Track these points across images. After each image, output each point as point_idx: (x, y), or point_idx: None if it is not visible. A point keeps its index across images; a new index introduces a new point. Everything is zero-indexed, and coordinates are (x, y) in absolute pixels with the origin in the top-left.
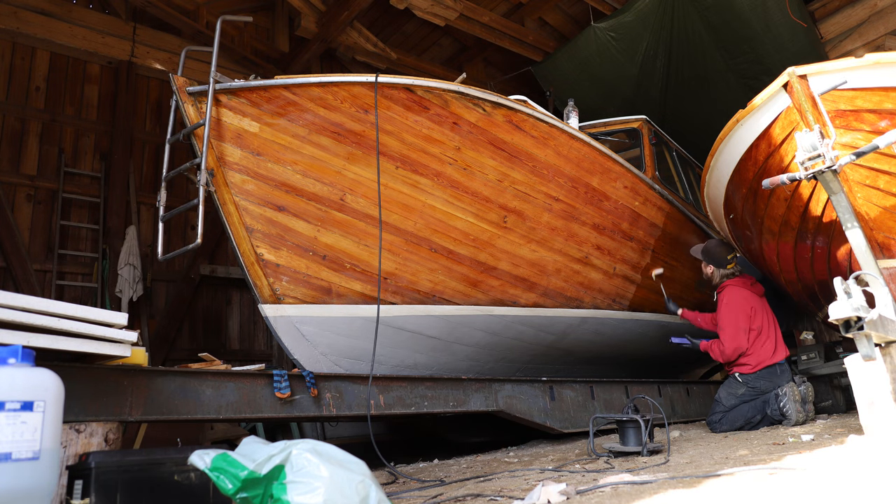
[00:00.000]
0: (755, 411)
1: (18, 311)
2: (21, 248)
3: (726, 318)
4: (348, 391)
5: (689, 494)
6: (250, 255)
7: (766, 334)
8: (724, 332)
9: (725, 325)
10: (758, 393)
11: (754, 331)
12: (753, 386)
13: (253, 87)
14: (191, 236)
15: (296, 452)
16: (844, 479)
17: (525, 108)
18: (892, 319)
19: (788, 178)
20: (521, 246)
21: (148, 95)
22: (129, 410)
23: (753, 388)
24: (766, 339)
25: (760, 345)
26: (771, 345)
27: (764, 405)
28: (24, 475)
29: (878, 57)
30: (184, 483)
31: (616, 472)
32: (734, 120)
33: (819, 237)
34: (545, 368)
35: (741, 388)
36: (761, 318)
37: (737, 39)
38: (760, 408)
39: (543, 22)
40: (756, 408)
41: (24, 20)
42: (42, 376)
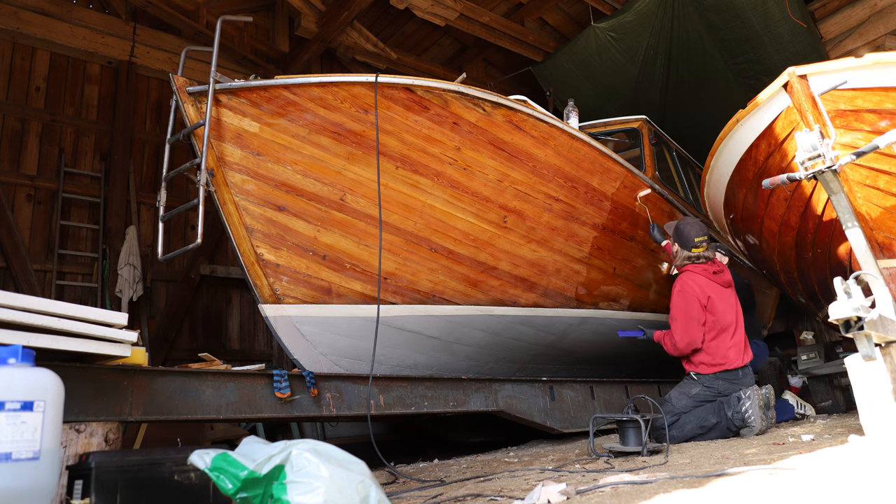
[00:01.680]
0: (710, 414)
1: (18, 311)
2: (21, 248)
3: (678, 306)
4: (348, 391)
5: (690, 494)
6: (250, 255)
7: (729, 332)
8: (675, 323)
9: (677, 315)
10: (715, 394)
11: (713, 326)
12: (710, 386)
13: (253, 87)
14: (191, 236)
15: (296, 452)
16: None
17: (525, 108)
18: (892, 319)
19: (788, 178)
20: (521, 246)
21: (148, 95)
22: (129, 410)
23: (710, 388)
24: (729, 337)
25: (721, 343)
26: (734, 345)
27: (722, 408)
28: (24, 475)
29: (878, 57)
30: (184, 483)
31: (616, 472)
32: (734, 120)
33: (819, 237)
34: (545, 368)
35: (695, 388)
36: (723, 312)
37: (737, 39)
38: (717, 410)
39: (543, 22)
40: (712, 410)
41: (24, 20)
42: (42, 376)
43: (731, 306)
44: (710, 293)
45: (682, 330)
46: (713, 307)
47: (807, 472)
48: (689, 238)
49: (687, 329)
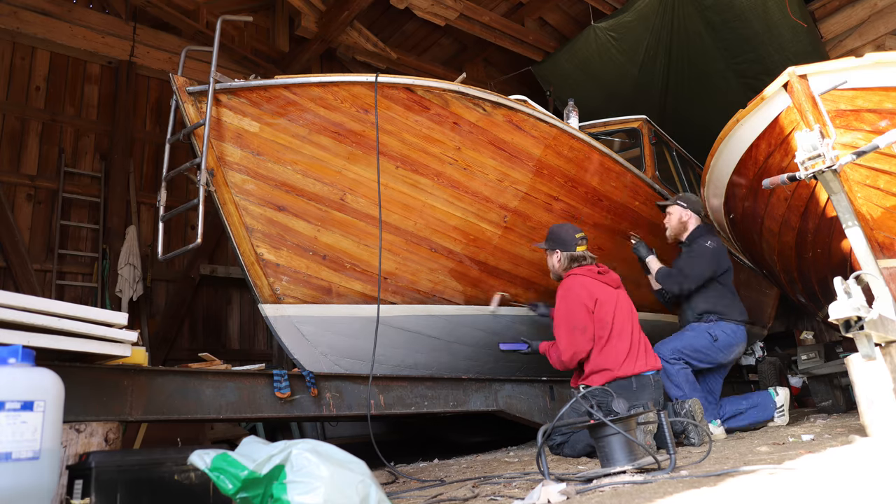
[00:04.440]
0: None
1: (18, 310)
2: (21, 248)
3: (561, 314)
4: (348, 391)
5: (690, 494)
6: (250, 255)
7: (622, 338)
8: (559, 332)
9: (559, 324)
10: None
11: (601, 331)
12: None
13: (253, 86)
14: (191, 236)
15: (296, 452)
16: (845, 479)
17: (525, 108)
18: (892, 319)
19: (788, 177)
20: (522, 246)
21: (148, 95)
22: (129, 410)
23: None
24: (622, 343)
25: (611, 350)
26: (628, 351)
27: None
28: (24, 475)
29: (878, 57)
30: (184, 483)
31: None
32: (734, 120)
33: (819, 237)
34: (545, 368)
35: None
36: (613, 314)
37: (737, 39)
38: None
39: (543, 22)
40: None
41: (24, 20)
42: (42, 376)
43: (623, 309)
44: (598, 295)
45: (567, 340)
46: (601, 311)
47: (807, 471)
48: (570, 238)
49: (572, 339)
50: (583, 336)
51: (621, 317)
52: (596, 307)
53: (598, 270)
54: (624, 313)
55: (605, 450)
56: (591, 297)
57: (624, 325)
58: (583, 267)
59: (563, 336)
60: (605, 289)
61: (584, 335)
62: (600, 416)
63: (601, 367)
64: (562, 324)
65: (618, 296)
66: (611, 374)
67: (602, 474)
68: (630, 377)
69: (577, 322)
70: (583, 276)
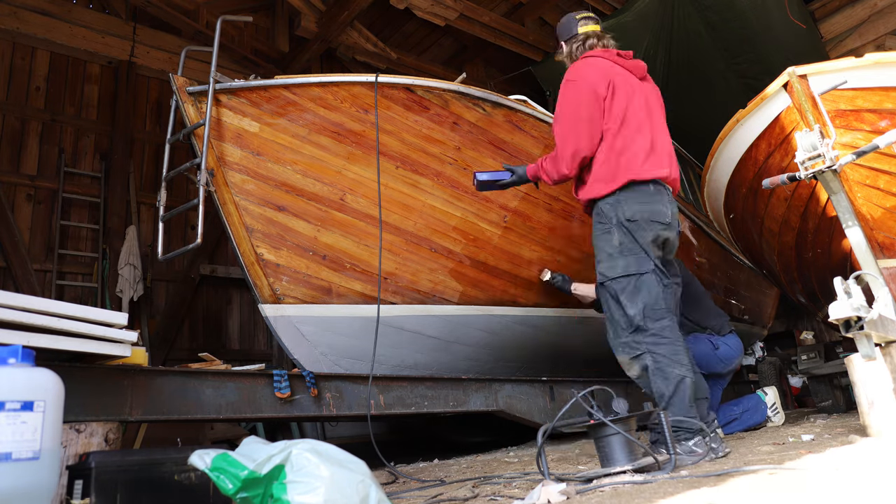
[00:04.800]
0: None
1: (18, 311)
2: (21, 248)
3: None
4: (348, 391)
5: (690, 495)
6: (250, 255)
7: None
8: (557, 126)
9: (559, 116)
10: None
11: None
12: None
13: (253, 87)
14: (191, 236)
15: (296, 452)
16: (846, 479)
17: (525, 108)
18: (892, 319)
19: (788, 177)
20: (522, 246)
21: (148, 95)
22: (129, 410)
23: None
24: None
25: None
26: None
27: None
28: (24, 475)
29: (878, 57)
30: (184, 483)
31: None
32: (734, 120)
33: (819, 237)
34: (545, 368)
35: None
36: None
37: (737, 39)
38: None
39: (543, 22)
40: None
41: (24, 20)
42: (42, 376)
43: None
44: (615, 78)
45: (568, 133)
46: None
47: (807, 471)
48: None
49: (574, 131)
50: (588, 127)
51: (641, 109)
52: (610, 92)
53: (619, 53)
54: (644, 108)
55: (605, 450)
56: (606, 78)
57: (643, 122)
58: (598, 49)
59: (564, 128)
60: (625, 75)
61: (589, 126)
62: (600, 416)
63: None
64: (563, 115)
65: (643, 87)
66: (625, 175)
67: (602, 474)
68: (648, 182)
69: (582, 111)
70: (597, 58)
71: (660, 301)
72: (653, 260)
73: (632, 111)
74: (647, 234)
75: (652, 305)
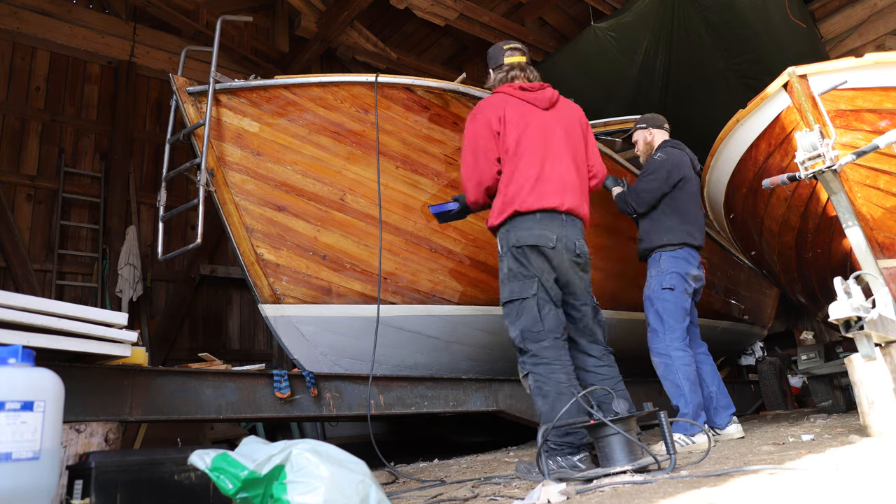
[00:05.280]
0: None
1: (18, 311)
2: (21, 248)
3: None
4: (348, 391)
5: (690, 495)
6: (250, 255)
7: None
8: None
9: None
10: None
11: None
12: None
13: (253, 87)
14: (191, 236)
15: (296, 452)
16: (846, 479)
17: None
18: (892, 319)
19: (788, 177)
20: None
21: (148, 95)
22: (129, 410)
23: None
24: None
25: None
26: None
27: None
28: (24, 475)
29: (878, 57)
30: (184, 483)
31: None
32: (734, 120)
33: (819, 237)
34: None
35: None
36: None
37: (737, 39)
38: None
39: (543, 22)
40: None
41: (24, 20)
42: (42, 376)
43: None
44: (508, 113)
45: (469, 166)
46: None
47: (807, 472)
48: (498, 50)
49: (474, 165)
50: (484, 158)
51: (534, 141)
52: (503, 127)
53: (523, 87)
54: (539, 139)
55: (604, 450)
56: (498, 115)
57: (535, 152)
58: (507, 84)
59: (466, 161)
60: (523, 107)
61: (485, 158)
62: (600, 416)
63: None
64: (465, 150)
65: (542, 117)
66: (510, 208)
67: (602, 474)
68: (534, 212)
69: (479, 144)
70: (498, 93)
71: (538, 324)
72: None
73: (524, 143)
74: (533, 260)
75: (530, 328)
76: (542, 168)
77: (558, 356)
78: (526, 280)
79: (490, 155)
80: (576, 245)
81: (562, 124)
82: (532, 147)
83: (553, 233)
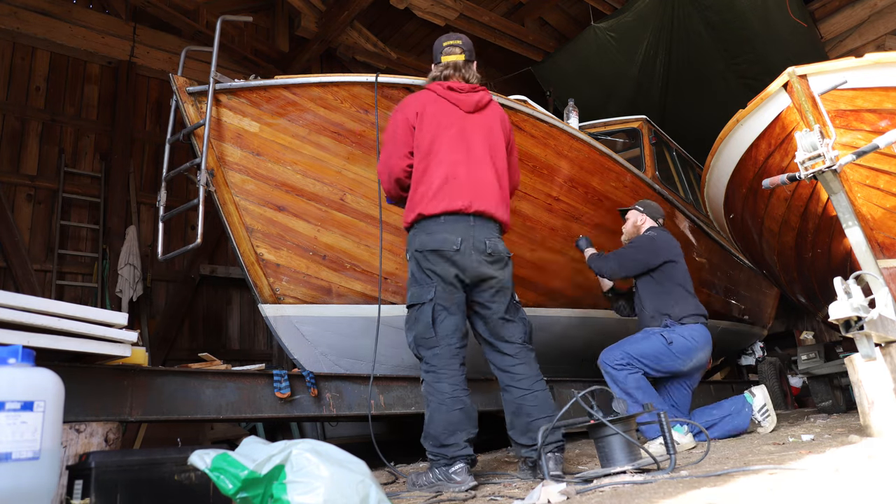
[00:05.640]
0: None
1: (18, 311)
2: (21, 248)
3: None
4: (348, 391)
5: (690, 495)
6: (250, 255)
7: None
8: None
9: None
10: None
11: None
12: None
13: (253, 87)
14: (191, 236)
15: (296, 452)
16: (846, 479)
17: (525, 108)
18: (892, 319)
19: (788, 178)
20: (521, 246)
21: (148, 95)
22: (129, 410)
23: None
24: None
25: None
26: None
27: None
28: (24, 475)
29: (878, 57)
30: (184, 483)
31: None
32: (734, 120)
33: (819, 237)
34: (545, 368)
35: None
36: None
37: (737, 39)
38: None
39: (543, 22)
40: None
41: (24, 20)
42: (42, 376)
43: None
44: (426, 109)
45: (384, 157)
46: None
47: (807, 471)
48: (438, 46)
49: (388, 154)
50: (396, 153)
51: (449, 143)
52: (419, 123)
53: (452, 87)
54: (456, 141)
55: (604, 450)
56: (417, 110)
57: (447, 154)
58: (438, 83)
59: (383, 153)
60: (444, 106)
61: (397, 151)
62: (600, 417)
63: (411, 202)
64: (384, 141)
65: (463, 120)
66: (416, 209)
67: (602, 474)
68: (439, 215)
69: (397, 136)
70: (426, 90)
71: (429, 331)
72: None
73: (437, 143)
74: (436, 265)
75: (422, 335)
76: (454, 170)
77: (446, 364)
78: (424, 286)
79: (402, 149)
80: (485, 244)
81: (483, 129)
82: (445, 149)
83: (457, 235)
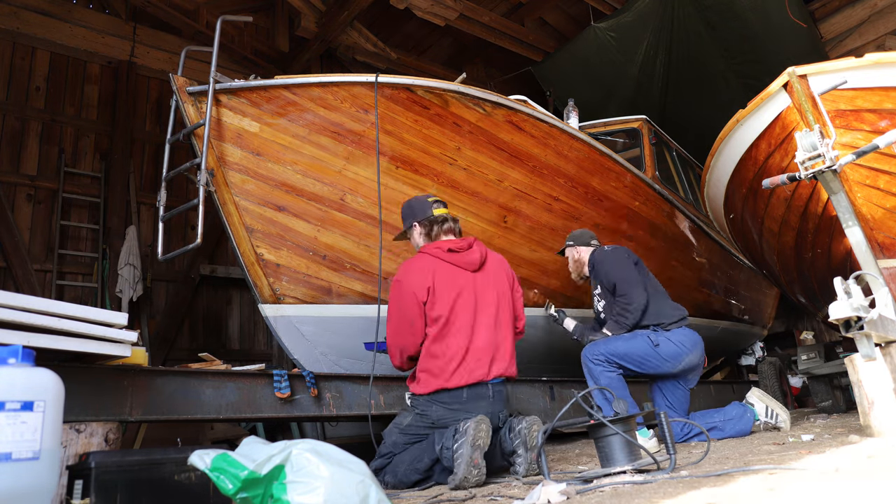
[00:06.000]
0: (425, 454)
1: (18, 311)
2: (21, 248)
3: (390, 302)
4: (348, 391)
5: (690, 495)
6: (250, 255)
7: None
8: (387, 323)
9: (389, 314)
10: (429, 426)
11: (435, 323)
12: (424, 413)
13: (253, 87)
14: (191, 236)
15: (296, 452)
16: (846, 479)
17: (525, 108)
18: (892, 319)
19: (788, 178)
20: (521, 246)
21: (148, 95)
22: (129, 410)
23: (424, 417)
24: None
25: (446, 349)
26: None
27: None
28: (24, 475)
29: (878, 57)
30: (184, 483)
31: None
32: (734, 120)
33: (819, 237)
34: (545, 368)
35: (408, 417)
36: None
37: (737, 39)
38: (430, 449)
39: (543, 22)
40: (427, 449)
41: (24, 20)
42: (42, 376)
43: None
44: (437, 282)
45: (393, 332)
46: (437, 301)
47: (807, 471)
48: (422, 203)
49: (398, 333)
50: (410, 330)
51: (465, 309)
52: (430, 297)
53: (451, 248)
54: (470, 306)
55: (604, 450)
56: (426, 284)
57: (465, 320)
58: (434, 243)
59: (392, 327)
60: (453, 272)
61: (411, 329)
62: (600, 417)
63: (427, 371)
64: (391, 315)
65: (473, 281)
66: (436, 382)
67: (602, 474)
68: (461, 388)
69: (405, 313)
70: (426, 255)
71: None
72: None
73: (455, 312)
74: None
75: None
76: (472, 339)
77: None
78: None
79: (415, 328)
80: (499, 418)
81: (492, 285)
82: (462, 317)
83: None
